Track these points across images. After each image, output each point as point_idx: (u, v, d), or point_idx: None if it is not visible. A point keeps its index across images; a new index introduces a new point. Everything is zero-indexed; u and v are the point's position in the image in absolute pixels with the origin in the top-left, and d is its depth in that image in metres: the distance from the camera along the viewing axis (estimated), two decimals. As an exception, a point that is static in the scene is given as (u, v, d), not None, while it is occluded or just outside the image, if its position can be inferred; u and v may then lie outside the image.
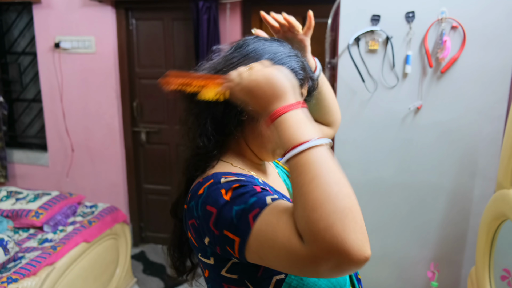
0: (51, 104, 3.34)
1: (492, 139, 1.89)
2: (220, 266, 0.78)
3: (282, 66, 0.77)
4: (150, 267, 3.22)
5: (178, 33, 3.15)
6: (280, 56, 0.82)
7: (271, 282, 0.75)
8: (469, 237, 2.00)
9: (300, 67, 0.84)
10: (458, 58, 1.84)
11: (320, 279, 0.76)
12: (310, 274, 0.63)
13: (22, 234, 2.43)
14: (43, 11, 3.19)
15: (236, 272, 0.77)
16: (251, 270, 0.75)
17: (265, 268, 0.75)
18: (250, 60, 0.80)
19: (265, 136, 0.83)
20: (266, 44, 0.84)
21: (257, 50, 0.82)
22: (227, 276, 0.78)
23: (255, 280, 0.76)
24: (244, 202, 0.68)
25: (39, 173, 3.54)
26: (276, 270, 0.74)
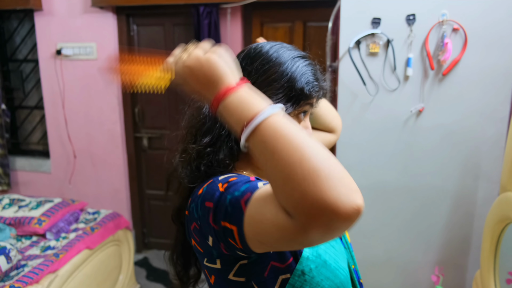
0: (53, 111, 3.35)
1: (495, 141, 1.88)
2: (228, 270, 0.77)
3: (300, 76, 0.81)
4: (153, 273, 3.21)
5: (179, 38, 3.15)
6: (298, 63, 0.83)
7: (277, 282, 0.75)
8: (474, 240, 1.98)
9: (315, 78, 0.84)
10: (460, 60, 1.83)
11: (323, 280, 0.76)
12: (308, 244, 0.61)
13: (24, 242, 2.43)
14: (44, 18, 3.20)
15: (243, 275, 0.76)
16: (258, 271, 0.75)
17: (271, 268, 0.75)
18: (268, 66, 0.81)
19: None
20: (282, 50, 0.84)
21: (277, 55, 0.82)
22: (234, 280, 0.77)
23: (262, 281, 0.76)
24: (237, 190, 0.67)
25: (42, 180, 3.54)
26: (282, 259, 0.75)
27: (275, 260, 0.76)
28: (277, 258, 0.76)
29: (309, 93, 0.82)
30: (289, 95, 0.80)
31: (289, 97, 0.80)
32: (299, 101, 0.81)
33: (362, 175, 2.04)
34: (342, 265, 0.82)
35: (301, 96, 0.81)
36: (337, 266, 0.80)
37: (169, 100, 3.24)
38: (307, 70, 0.82)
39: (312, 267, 0.76)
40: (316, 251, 0.78)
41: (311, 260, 0.76)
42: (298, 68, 0.82)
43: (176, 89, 0.74)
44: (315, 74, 0.84)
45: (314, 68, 0.85)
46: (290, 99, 0.81)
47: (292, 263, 0.76)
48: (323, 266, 0.77)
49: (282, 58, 0.82)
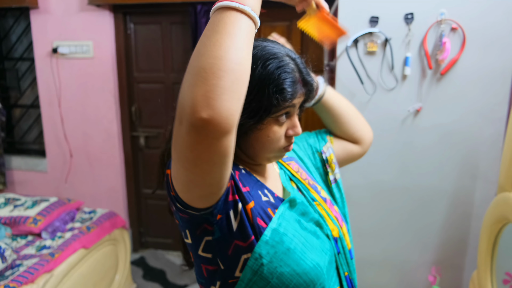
0: (49, 109, 3.33)
1: (493, 142, 1.87)
2: (197, 245, 0.80)
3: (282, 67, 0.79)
4: (150, 273, 3.19)
5: (176, 37, 3.14)
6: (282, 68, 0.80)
7: (240, 261, 0.77)
8: (471, 240, 1.98)
9: (296, 80, 0.81)
10: (458, 59, 1.82)
11: (282, 266, 0.77)
12: (182, 149, 0.63)
13: (20, 241, 2.41)
14: (40, 17, 3.18)
15: (210, 251, 0.79)
16: (222, 248, 0.78)
17: (234, 246, 0.77)
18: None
19: (257, 149, 0.84)
20: (259, 47, 0.83)
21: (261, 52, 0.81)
22: (203, 256, 0.80)
23: (226, 259, 0.78)
24: None
25: (38, 179, 3.52)
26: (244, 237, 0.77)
27: (238, 238, 0.77)
28: (240, 237, 0.77)
29: (279, 102, 0.78)
30: (259, 104, 0.77)
31: (258, 107, 0.78)
32: (270, 110, 0.78)
33: (360, 174, 2.03)
34: (311, 256, 0.81)
35: (269, 106, 0.78)
36: (303, 257, 0.79)
37: (166, 99, 3.23)
38: (277, 76, 0.78)
39: (270, 252, 0.77)
40: (279, 237, 0.78)
41: (270, 245, 0.77)
42: (268, 74, 0.77)
43: None
44: (287, 78, 0.78)
45: (290, 69, 0.80)
46: (259, 109, 0.78)
47: (253, 242, 0.77)
48: (285, 253, 0.77)
49: (254, 62, 0.78)
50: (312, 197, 0.96)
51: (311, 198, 0.95)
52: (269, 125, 0.81)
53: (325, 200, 0.98)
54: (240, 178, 0.82)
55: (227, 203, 0.76)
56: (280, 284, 0.77)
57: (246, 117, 0.78)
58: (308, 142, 1.11)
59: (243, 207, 0.77)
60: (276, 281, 0.77)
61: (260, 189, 0.85)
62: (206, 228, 0.77)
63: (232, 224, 0.77)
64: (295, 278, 0.77)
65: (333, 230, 0.92)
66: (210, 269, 0.81)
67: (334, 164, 1.08)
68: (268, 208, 0.82)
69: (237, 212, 0.77)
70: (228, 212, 0.76)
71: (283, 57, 0.80)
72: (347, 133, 1.12)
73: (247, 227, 0.77)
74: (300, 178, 0.98)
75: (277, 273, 0.77)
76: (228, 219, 0.77)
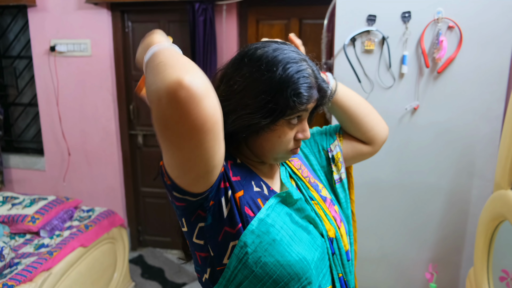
0: (47, 108, 3.33)
1: (489, 140, 1.88)
2: (191, 233, 0.83)
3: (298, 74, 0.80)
4: (148, 271, 3.20)
5: (174, 35, 3.13)
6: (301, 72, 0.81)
7: (228, 247, 0.80)
8: (468, 238, 1.99)
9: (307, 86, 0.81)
10: (455, 58, 1.83)
11: (267, 257, 0.78)
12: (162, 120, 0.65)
13: (18, 240, 2.42)
14: (38, 15, 3.17)
15: (202, 237, 0.81)
16: (213, 235, 0.80)
17: (224, 233, 0.80)
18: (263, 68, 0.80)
19: (266, 149, 0.86)
20: (279, 50, 0.83)
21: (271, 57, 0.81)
22: (196, 243, 0.83)
23: (216, 245, 0.80)
24: None
25: (36, 178, 3.52)
26: (233, 224, 0.79)
27: (228, 225, 0.80)
28: (229, 223, 0.80)
29: (295, 105, 0.79)
30: (273, 106, 0.79)
31: (273, 108, 0.79)
32: (285, 113, 0.80)
33: (357, 172, 2.03)
34: (297, 249, 0.81)
35: (285, 108, 0.80)
36: (289, 249, 0.80)
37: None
38: (296, 79, 0.79)
39: (255, 241, 0.79)
40: (266, 228, 0.80)
41: (256, 234, 0.79)
42: (288, 77, 0.79)
43: None
44: (305, 82, 0.80)
45: (308, 74, 0.81)
46: (274, 110, 0.79)
47: (240, 230, 0.80)
48: (270, 244, 0.79)
49: (270, 67, 0.79)
50: (311, 195, 0.96)
51: (309, 196, 0.95)
52: (281, 126, 0.83)
53: (325, 199, 0.97)
54: (232, 167, 0.84)
55: (219, 190, 0.79)
56: (263, 274, 0.78)
57: (261, 116, 0.79)
58: (316, 139, 1.10)
59: (232, 195, 0.80)
60: (260, 271, 0.78)
61: (254, 180, 0.87)
62: (200, 214, 0.80)
63: (223, 211, 0.79)
64: (279, 269, 0.78)
65: (329, 230, 0.92)
66: (203, 256, 0.83)
67: (340, 163, 1.06)
68: (258, 198, 0.83)
69: (227, 199, 0.80)
70: (220, 199, 0.79)
71: (302, 62, 0.82)
72: (359, 132, 1.08)
73: (235, 214, 0.79)
74: (301, 176, 0.98)
75: (261, 262, 0.78)
76: (220, 205, 0.79)
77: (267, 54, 0.81)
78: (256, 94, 0.79)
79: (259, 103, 0.79)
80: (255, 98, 0.79)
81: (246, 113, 0.80)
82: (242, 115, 0.80)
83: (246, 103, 0.80)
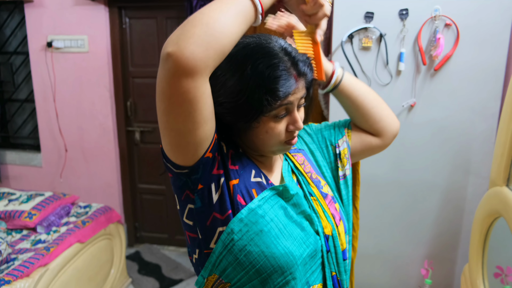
0: (44, 104, 3.32)
1: (485, 137, 1.89)
2: (182, 211, 0.85)
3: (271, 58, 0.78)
4: (145, 267, 3.20)
5: (171, 32, 3.11)
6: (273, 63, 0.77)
7: (215, 233, 0.81)
8: (463, 234, 2.00)
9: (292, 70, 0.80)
10: (452, 55, 1.84)
11: (252, 246, 0.79)
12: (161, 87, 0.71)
13: (15, 236, 2.41)
14: (35, 10, 3.16)
15: (191, 219, 0.83)
16: (202, 218, 0.82)
17: (213, 218, 0.81)
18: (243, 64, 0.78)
19: (259, 145, 0.86)
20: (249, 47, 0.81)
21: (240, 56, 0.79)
22: (186, 223, 0.85)
23: (204, 229, 0.82)
24: None
25: (33, 174, 3.51)
26: (222, 210, 0.81)
27: (217, 211, 0.81)
28: (219, 209, 0.81)
29: (270, 103, 0.77)
30: (249, 106, 0.77)
31: (249, 108, 0.77)
32: (262, 110, 0.78)
33: (354, 169, 2.05)
34: (285, 244, 0.81)
35: (260, 107, 0.77)
36: (275, 242, 0.80)
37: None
38: (267, 76, 0.76)
39: (243, 230, 0.79)
40: (256, 218, 0.80)
41: (244, 223, 0.80)
42: (258, 74, 0.76)
43: None
44: (278, 76, 0.76)
45: (282, 66, 0.77)
46: (252, 108, 0.78)
47: (229, 216, 0.81)
48: (256, 234, 0.80)
49: (240, 66, 0.77)
50: (311, 191, 0.94)
51: (308, 192, 0.94)
52: (266, 123, 0.81)
53: (325, 196, 0.95)
54: (232, 156, 0.85)
55: (210, 175, 0.80)
56: (247, 262, 0.79)
57: (237, 118, 0.79)
58: (323, 135, 1.07)
59: (226, 182, 0.81)
60: (244, 259, 0.79)
61: (254, 169, 0.87)
62: (188, 195, 0.82)
63: (213, 197, 0.81)
64: (262, 260, 0.79)
65: (325, 227, 0.91)
66: (192, 236, 0.85)
67: (346, 159, 1.03)
68: (253, 189, 0.84)
69: (219, 185, 0.81)
70: (209, 185, 0.80)
71: (276, 54, 0.78)
72: (367, 124, 1.04)
73: (226, 201, 0.80)
74: (303, 171, 0.97)
75: (246, 251, 0.79)
76: (210, 191, 0.80)
77: (237, 53, 0.78)
78: (230, 95, 0.77)
79: (235, 103, 0.77)
80: (230, 99, 0.77)
81: (224, 112, 0.79)
82: (222, 114, 0.80)
83: (222, 104, 0.78)
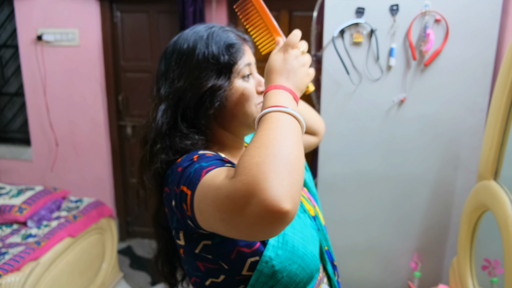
0: (34, 98, 3.29)
1: (474, 132, 1.92)
2: (192, 246, 0.81)
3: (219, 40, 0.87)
4: (137, 262, 3.20)
5: (163, 26, 3.12)
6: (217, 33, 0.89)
7: (246, 264, 0.79)
8: (452, 228, 2.03)
9: (237, 37, 0.91)
10: (441, 51, 1.85)
11: (291, 265, 0.79)
12: (239, 223, 0.61)
13: (5, 230, 2.40)
14: (24, 3, 3.12)
15: (209, 253, 0.80)
16: (224, 253, 0.79)
17: (237, 252, 0.78)
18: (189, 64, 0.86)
19: (239, 114, 0.89)
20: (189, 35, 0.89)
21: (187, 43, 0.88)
22: (202, 255, 0.81)
23: (229, 261, 0.79)
24: (205, 161, 0.75)
25: (23, 168, 3.49)
26: (249, 245, 0.78)
27: (242, 246, 0.79)
28: (244, 245, 0.79)
29: (233, 55, 0.87)
30: (218, 70, 0.86)
31: (219, 71, 0.86)
32: (231, 69, 0.87)
33: (344, 163, 2.06)
34: (310, 249, 0.84)
35: (229, 65, 0.87)
36: (305, 251, 0.82)
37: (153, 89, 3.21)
38: (219, 39, 0.87)
39: (279, 253, 0.78)
40: (283, 238, 0.80)
41: (277, 247, 0.79)
42: (209, 43, 0.87)
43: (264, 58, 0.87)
44: (230, 35, 0.90)
45: (224, 31, 0.90)
46: (221, 73, 0.86)
47: (260, 247, 0.79)
48: (291, 252, 0.80)
49: (192, 43, 0.87)
50: None
51: None
52: (237, 85, 0.88)
53: None
54: None
55: None
56: (289, 280, 0.79)
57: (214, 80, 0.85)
58: None
59: None
60: (286, 279, 0.79)
61: None
62: (203, 234, 0.79)
63: None
64: (301, 273, 0.80)
65: (310, 210, 0.96)
66: (210, 267, 0.82)
67: None
68: None
69: None
70: None
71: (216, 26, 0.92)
72: (311, 128, 1.20)
73: None
74: None
75: (287, 271, 0.79)
76: None
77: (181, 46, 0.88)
78: (196, 68, 0.85)
79: (204, 74, 0.85)
80: (199, 72, 0.85)
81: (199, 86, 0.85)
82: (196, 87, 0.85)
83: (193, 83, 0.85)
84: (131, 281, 2.95)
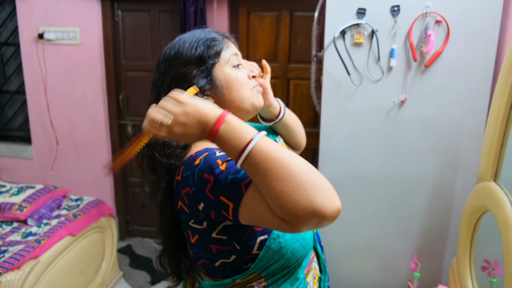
0: (35, 96, 3.29)
1: (474, 133, 1.92)
2: (212, 229, 0.88)
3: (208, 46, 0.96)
4: (136, 261, 3.21)
5: (164, 25, 3.12)
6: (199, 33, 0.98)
7: (256, 242, 0.88)
8: (451, 228, 2.03)
9: (218, 34, 0.99)
10: (442, 52, 1.86)
11: (295, 242, 0.90)
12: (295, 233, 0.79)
13: (5, 228, 2.40)
14: (26, 1, 3.13)
15: (225, 234, 0.88)
16: (239, 232, 0.87)
17: (250, 231, 0.87)
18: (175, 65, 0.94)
19: (236, 100, 0.97)
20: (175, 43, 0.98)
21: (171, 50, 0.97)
22: (216, 238, 0.88)
23: (242, 241, 0.88)
24: (237, 172, 0.78)
25: (23, 167, 3.49)
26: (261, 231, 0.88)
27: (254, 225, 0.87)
28: None
29: (216, 52, 0.95)
30: (205, 69, 0.94)
31: (206, 70, 0.94)
32: (215, 59, 0.95)
33: (345, 164, 2.06)
34: None
35: (213, 61, 0.95)
36: (305, 232, 0.92)
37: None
38: (198, 39, 0.96)
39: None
40: None
41: None
42: (192, 42, 0.95)
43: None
44: (209, 32, 0.98)
45: (207, 32, 0.98)
46: (208, 71, 0.94)
47: None
48: None
49: (177, 48, 0.96)
50: None
51: None
52: (229, 72, 0.96)
53: None
54: None
55: None
56: (292, 256, 0.89)
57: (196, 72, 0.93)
58: None
59: None
60: (290, 255, 0.89)
61: None
62: (224, 215, 0.84)
63: None
64: (301, 249, 0.91)
65: None
66: (222, 249, 0.89)
67: None
68: None
69: None
70: None
71: (199, 29, 1.01)
72: (294, 142, 1.29)
73: None
74: None
75: (291, 248, 0.89)
76: None
77: (173, 44, 0.98)
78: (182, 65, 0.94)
79: (188, 68, 0.93)
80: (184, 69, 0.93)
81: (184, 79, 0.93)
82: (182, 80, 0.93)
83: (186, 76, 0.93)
84: (131, 280, 2.95)
